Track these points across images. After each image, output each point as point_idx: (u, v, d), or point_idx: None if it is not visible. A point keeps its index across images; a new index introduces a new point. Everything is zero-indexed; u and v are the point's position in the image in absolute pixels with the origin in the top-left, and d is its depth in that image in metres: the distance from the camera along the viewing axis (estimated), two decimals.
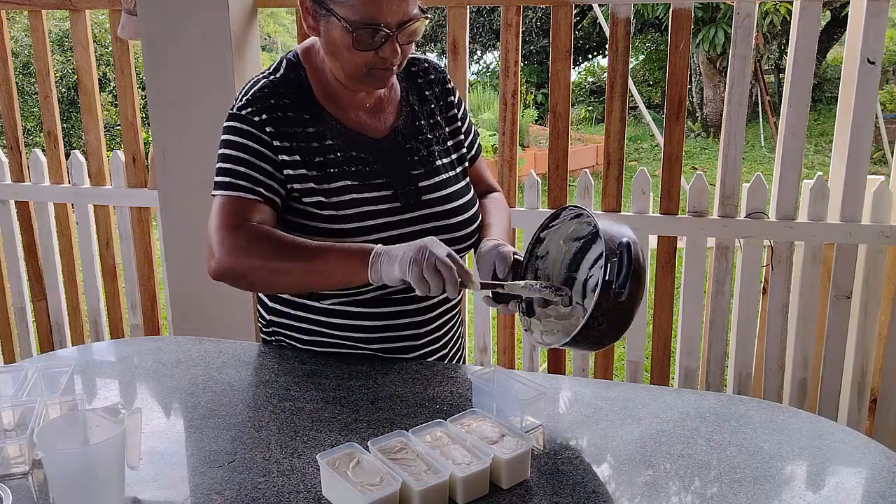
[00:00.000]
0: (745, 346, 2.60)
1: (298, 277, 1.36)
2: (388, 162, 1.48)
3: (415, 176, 1.49)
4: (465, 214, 1.52)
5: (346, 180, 1.43)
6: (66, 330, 3.17)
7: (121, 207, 2.95)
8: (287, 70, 1.47)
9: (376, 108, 1.51)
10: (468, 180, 1.59)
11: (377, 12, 1.31)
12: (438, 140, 1.55)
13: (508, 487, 1.12)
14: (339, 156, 1.44)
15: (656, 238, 2.57)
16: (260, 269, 1.35)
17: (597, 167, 9.24)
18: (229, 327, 2.52)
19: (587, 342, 1.26)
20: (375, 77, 1.40)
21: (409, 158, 1.50)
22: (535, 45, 12.29)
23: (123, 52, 2.79)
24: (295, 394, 1.39)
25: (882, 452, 1.21)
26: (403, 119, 1.53)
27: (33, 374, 1.32)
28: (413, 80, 1.57)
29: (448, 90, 1.60)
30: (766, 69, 11.17)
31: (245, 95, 1.44)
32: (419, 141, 1.52)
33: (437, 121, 1.57)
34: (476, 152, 1.66)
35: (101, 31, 7.74)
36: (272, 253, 1.34)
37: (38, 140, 7.70)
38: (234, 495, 1.11)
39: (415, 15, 1.35)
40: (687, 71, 2.44)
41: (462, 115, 1.62)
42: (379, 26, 1.32)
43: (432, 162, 1.52)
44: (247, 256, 1.35)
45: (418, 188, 1.48)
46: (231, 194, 1.39)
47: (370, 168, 1.46)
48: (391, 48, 1.35)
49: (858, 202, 2.41)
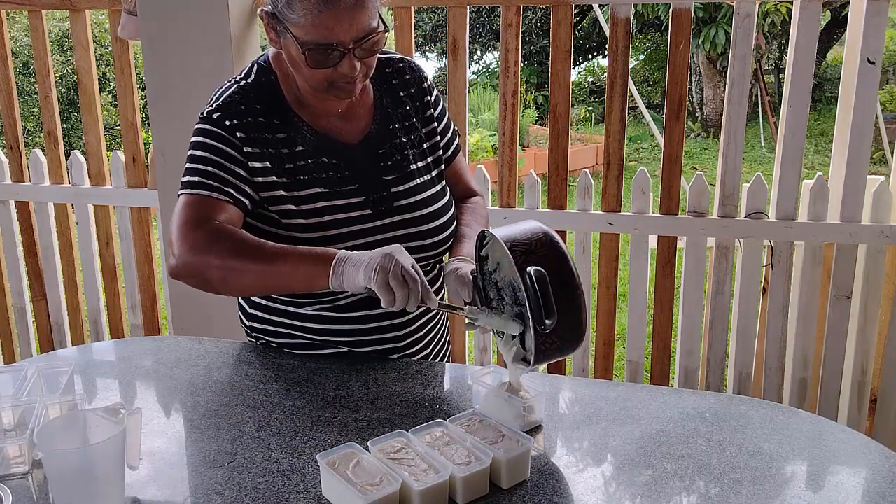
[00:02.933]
0: (745, 346, 2.60)
1: (257, 279, 1.32)
2: (360, 168, 1.46)
3: (387, 182, 1.47)
4: (438, 221, 1.49)
5: (316, 187, 1.41)
6: (66, 330, 3.17)
7: (121, 207, 2.95)
8: (258, 75, 1.45)
9: (348, 113, 1.48)
10: (444, 184, 1.56)
11: (328, 32, 1.28)
12: (413, 143, 1.52)
13: (508, 487, 1.12)
14: (309, 162, 1.42)
15: (656, 238, 2.57)
16: (218, 267, 1.30)
17: (597, 167, 9.23)
18: (229, 327, 2.50)
19: (555, 355, 1.22)
20: (339, 89, 1.37)
21: (381, 164, 1.48)
22: (535, 45, 12.28)
23: (123, 52, 2.79)
24: (295, 394, 1.39)
25: (882, 452, 1.21)
26: (376, 123, 1.50)
27: (33, 374, 1.32)
28: (387, 81, 1.53)
29: (424, 90, 1.56)
30: (766, 69, 11.17)
31: (216, 101, 1.41)
32: (392, 145, 1.49)
33: (413, 123, 1.53)
34: (453, 152, 1.61)
35: (101, 31, 7.73)
36: (231, 252, 1.30)
37: (38, 140, 7.69)
38: (234, 495, 1.11)
39: (372, 28, 1.32)
40: (687, 71, 2.44)
41: (439, 115, 1.58)
42: (332, 45, 1.30)
43: (406, 167, 1.49)
44: (205, 254, 1.30)
45: (391, 194, 1.46)
46: (198, 192, 1.36)
47: (341, 175, 1.44)
48: (349, 64, 1.32)
49: (858, 202, 2.41)
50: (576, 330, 1.20)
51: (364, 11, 1.29)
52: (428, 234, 1.48)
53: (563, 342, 1.19)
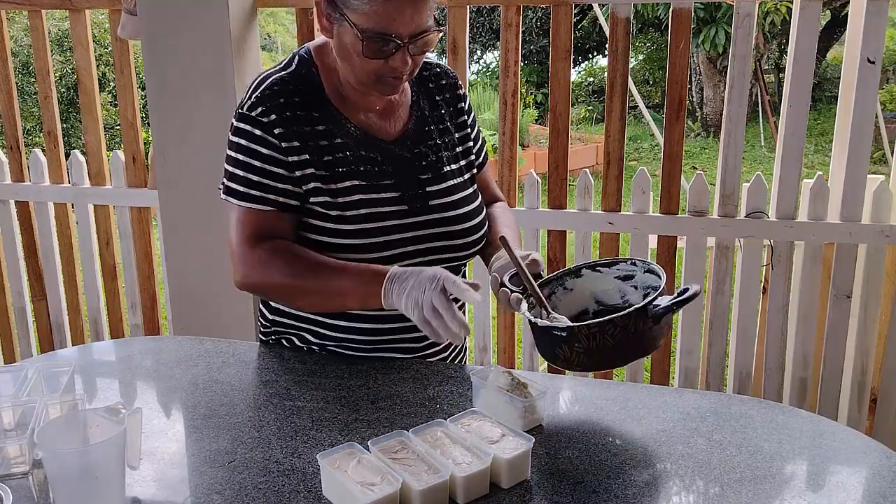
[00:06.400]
0: (745, 346, 2.60)
1: (316, 298, 1.39)
2: (397, 165, 1.47)
3: (423, 181, 1.48)
4: (471, 221, 1.51)
5: (354, 180, 1.42)
6: (66, 330, 3.17)
7: (121, 207, 2.95)
8: (299, 66, 1.45)
9: (387, 110, 1.50)
10: (475, 187, 1.58)
11: (390, 23, 1.29)
12: (447, 146, 1.54)
13: (508, 487, 1.12)
14: (348, 155, 1.43)
15: (656, 238, 2.57)
16: (280, 286, 1.39)
17: (597, 167, 9.24)
18: (229, 327, 2.52)
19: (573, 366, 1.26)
20: (385, 84, 1.39)
21: (417, 163, 1.49)
22: (535, 45, 12.28)
23: (123, 52, 2.79)
24: (295, 394, 1.39)
25: (882, 452, 1.21)
26: (413, 123, 1.51)
27: (33, 374, 1.32)
28: (424, 84, 1.55)
29: (459, 96, 1.59)
30: (766, 69, 11.17)
31: (254, 93, 1.42)
32: (428, 146, 1.51)
33: (447, 126, 1.55)
34: (484, 159, 1.64)
35: (100, 31, 7.73)
36: (290, 272, 1.37)
37: (38, 140, 7.69)
38: (234, 495, 1.11)
39: (429, 27, 1.33)
40: (687, 71, 2.44)
41: (472, 122, 1.60)
42: (390, 36, 1.30)
43: (440, 168, 1.51)
44: (267, 275, 1.38)
45: (426, 192, 1.47)
46: (248, 206, 1.40)
47: (379, 169, 1.45)
48: (401, 58, 1.34)
49: (858, 202, 2.41)
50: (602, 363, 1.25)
51: (425, 7, 1.31)
52: (461, 234, 1.49)
53: (592, 360, 1.24)
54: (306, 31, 2.58)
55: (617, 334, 1.20)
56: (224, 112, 2.41)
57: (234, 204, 1.41)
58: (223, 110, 2.41)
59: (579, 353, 1.23)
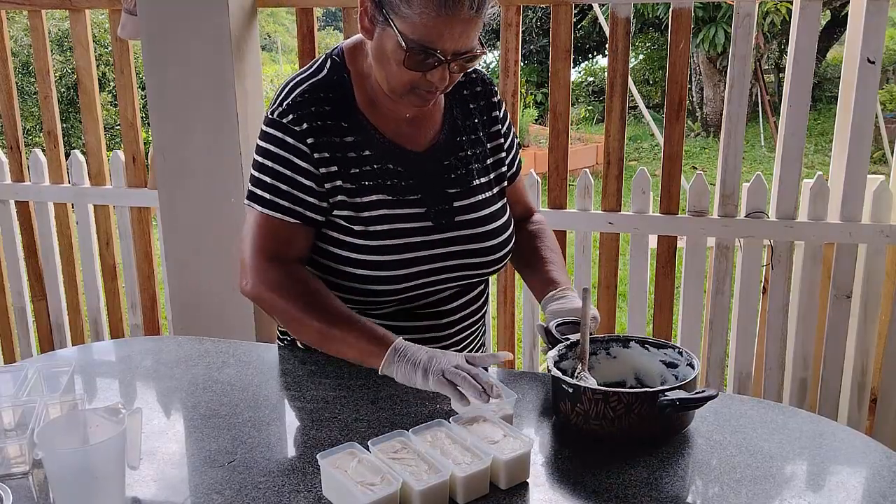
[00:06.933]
0: (745, 346, 2.60)
1: (315, 336, 1.37)
2: (425, 178, 1.43)
3: (450, 195, 1.45)
4: (498, 238, 1.48)
5: (379, 194, 1.39)
6: (66, 330, 3.17)
7: (121, 207, 2.95)
8: (330, 72, 1.41)
9: (418, 119, 1.45)
10: (504, 202, 1.54)
11: (437, 38, 1.25)
12: (478, 157, 1.50)
13: (508, 487, 1.12)
14: (375, 168, 1.40)
15: (656, 238, 2.57)
16: (283, 311, 1.38)
17: (597, 167, 9.24)
18: (229, 327, 2.52)
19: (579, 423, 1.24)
20: (418, 97, 1.35)
21: (446, 176, 1.45)
22: (535, 44, 12.28)
23: (123, 52, 2.79)
24: (295, 394, 1.39)
25: (882, 452, 1.21)
26: (445, 133, 1.47)
27: (33, 374, 1.32)
28: (459, 91, 1.50)
29: (494, 104, 1.54)
30: (766, 69, 11.17)
31: (285, 99, 1.38)
32: (458, 158, 1.47)
33: (479, 137, 1.51)
34: (517, 169, 1.60)
35: (100, 31, 7.73)
36: (298, 305, 1.35)
37: (38, 140, 7.69)
38: (234, 495, 1.11)
39: (473, 47, 1.30)
40: (687, 71, 2.44)
41: (506, 131, 1.56)
42: (435, 51, 1.27)
43: (469, 181, 1.47)
44: (276, 296, 1.37)
45: (453, 208, 1.44)
46: (271, 214, 1.37)
47: (405, 183, 1.41)
48: (441, 74, 1.30)
49: (858, 202, 2.41)
50: (596, 431, 1.23)
51: (475, 28, 1.29)
52: (486, 251, 1.46)
53: (588, 425, 1.23)
54: (306, 31, 2.58)
55: (619, 409, 1.19)
56: (224, 112, 2.41)
57: (256, 210, 1.39)
58: (223, 110, 2.41)
59: (579, 413, 1.22)
